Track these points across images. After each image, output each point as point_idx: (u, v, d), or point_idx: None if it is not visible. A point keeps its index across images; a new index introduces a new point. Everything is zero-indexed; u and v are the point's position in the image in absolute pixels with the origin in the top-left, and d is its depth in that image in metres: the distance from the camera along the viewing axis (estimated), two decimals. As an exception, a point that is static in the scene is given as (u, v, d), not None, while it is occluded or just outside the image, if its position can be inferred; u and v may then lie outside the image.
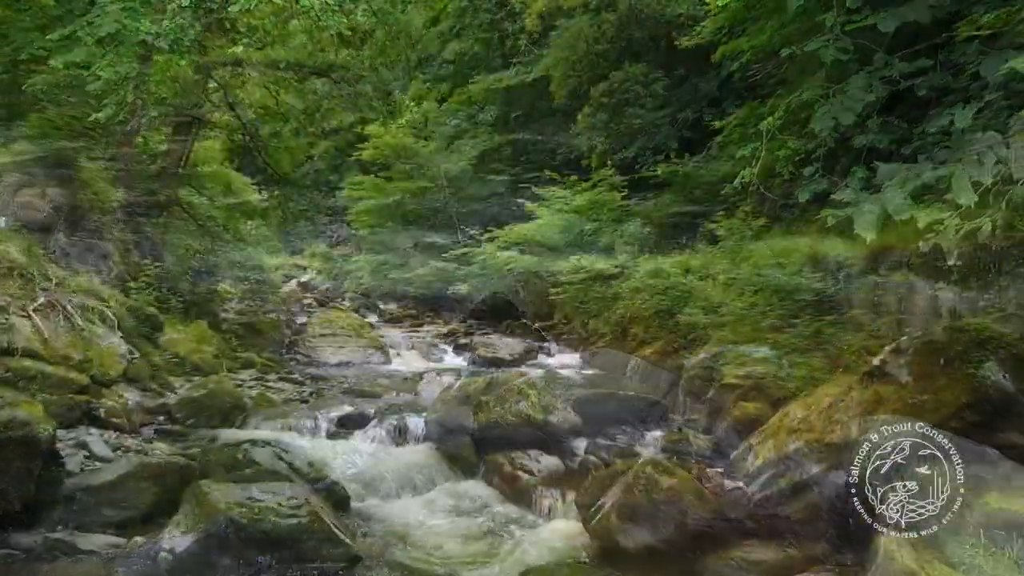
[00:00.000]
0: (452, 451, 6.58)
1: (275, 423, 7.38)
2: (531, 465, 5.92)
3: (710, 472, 4.55)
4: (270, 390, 8.68)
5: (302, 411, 7.77)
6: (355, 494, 5.64)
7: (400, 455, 6.68)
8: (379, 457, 6.62)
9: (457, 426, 6.53)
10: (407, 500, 5.80)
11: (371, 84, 13.48)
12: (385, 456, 6.65)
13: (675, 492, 4.30)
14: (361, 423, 7.43)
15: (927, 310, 5.82)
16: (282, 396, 8.51)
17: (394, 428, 7.21)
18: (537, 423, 6.36)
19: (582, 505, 4.93)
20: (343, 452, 6.64)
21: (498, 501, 5.72)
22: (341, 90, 13.53)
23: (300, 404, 8.23)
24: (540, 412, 6.44)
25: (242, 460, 5.21)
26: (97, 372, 6.76)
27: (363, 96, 13.47)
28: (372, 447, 6.92)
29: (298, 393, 8.70)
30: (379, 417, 7.47)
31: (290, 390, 8.81)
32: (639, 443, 7.07)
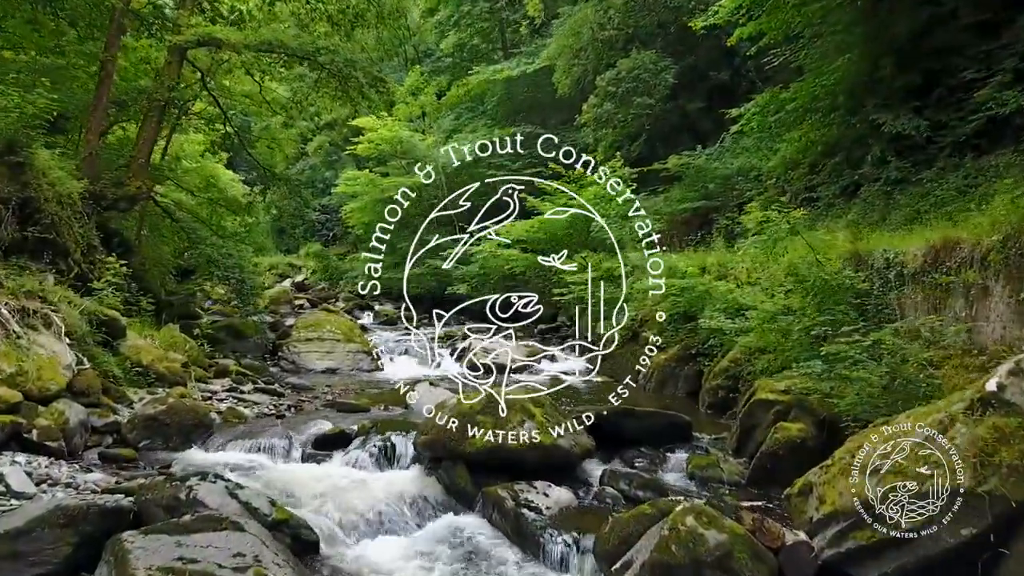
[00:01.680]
0: (444, 479, 5.64)
1: (243, 444, 6.45)
2: (538, 500, 4.97)
3: (767, 524, 3.60)
4: (243, 403, 7.75)
5: (275, 429, 6.83)
6: (326, 536, 4.71)
7: (384, 484, 5.73)
8: (359, 486, 5.68)
9: (450, 450, 5.59)
10: (388, 542, 4.86)
11: (362, 70, 12.54)
12: (366, 485, 5.70)
13: (725, 551, 3.37)
14: (341, 444, 6.50)
15: (1011, 317, 4.88)
16: (256, 410, 7.58)
17: (379, 450, 6.28)
18: (544, 448, 5.42)
19: (603, 557, 3.99)
20: (317, 480, 5.71)
21: (498, 544, 4.78)
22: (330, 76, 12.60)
23: (275, 420, 7.30)
24: (548, 435, 5.50)
25: (186, 500, 4.27)
26: (33, 387, 5.82)
27: (353, 82, 12.52)
28: (352, 473, 5.98)
29: (274, 406, 7.77)
30: (362, 436, 6.53)
31: (266, 403, 7.88)
32: (662, 468, 6.14)
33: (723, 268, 10.66)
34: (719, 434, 6.95)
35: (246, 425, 7.02)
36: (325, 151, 29.84)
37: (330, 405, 8.00)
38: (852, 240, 7.14)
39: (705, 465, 5.98)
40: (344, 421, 7.21)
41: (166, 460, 5.89)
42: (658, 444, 6.54)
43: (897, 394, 5.03)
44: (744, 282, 9.21)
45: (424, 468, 5.94)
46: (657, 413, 6.65)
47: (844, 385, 5.37)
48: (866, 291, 6.68)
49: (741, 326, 7.68)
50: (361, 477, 5.92)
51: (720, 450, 6.50)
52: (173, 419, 6.36)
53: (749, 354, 8.10)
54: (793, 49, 13.17)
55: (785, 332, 7.13)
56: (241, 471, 5.89)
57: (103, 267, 9.25)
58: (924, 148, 10.11)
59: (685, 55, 17.57)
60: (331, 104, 13.62)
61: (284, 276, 29.84)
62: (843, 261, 6.84)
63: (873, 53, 11.22)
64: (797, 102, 11.32)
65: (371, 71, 12.72)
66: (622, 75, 15.94)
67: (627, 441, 6.50)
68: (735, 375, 8.15)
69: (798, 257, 6.72)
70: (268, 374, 9.74)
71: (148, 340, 8.55)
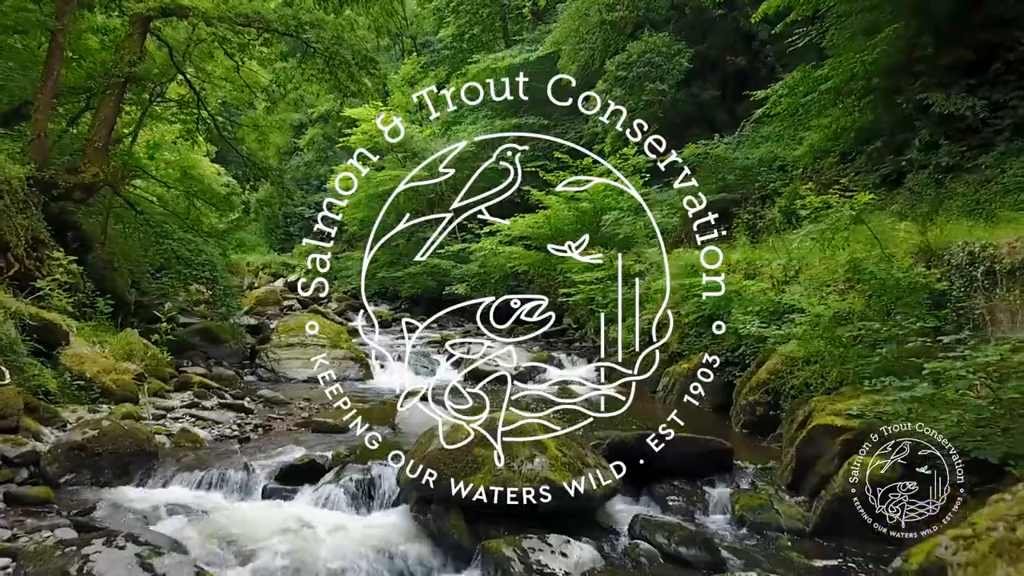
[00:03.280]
0: (434, 528, 4.51)
1: (192, 476, 5.32)
2: (553, 563, 3.85)
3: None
4: (201, 422, 6.62)
5: (235, 457, 5.71)
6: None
7: (359, 531, 4.61)
8: (329, 535, 4.56)
9: (443, 490, 4.47)
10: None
11: (350, 48, 11.41)
12: (338, 533, 4.58)
13: None
14: (311, 476, 5.37)
15: None
16: (216, 432, 6.45)
17: (356, 485, 5.16)
18: (560, 490, 4.29)
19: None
20: (277, 527, 4.58)
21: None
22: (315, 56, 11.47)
23: (237, 444, 6.16)
24: (564, 473, 4.36)
25: (78, 574, 3.14)
26: (-75, 409, 4.70)
27: (341, 63, 11.39)
28: (322, 516, 4.86)
29: (238, 426, 6.64)
30: (338, 467, 5.42)
31: (229, 421, 6.75)
32: (703, 510, 5.01)
33: (751, 266, 9.53)
34: (764, 463, 5.82)
35: (200, 451, 5.89)
36: (319, 145, 28.69)
37: (305, 424, 6.87)
38: (921, 231, 6.00)
39: (756, 507, 4.86)
40: (319, 445, 6.08)
41: (90, 501, 4.76)
42: (694, 476, 5.42)
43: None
44: (780, 281, 8.07)
45: (411, 510, 4.82)
46: (693, 439, 5.50)
47: (933, 410, 4.25)
48: (943, 292, 5.57)
49: (786, 333, 6.53)
50: (333, 521, 4.80)
51: (769, 483, 5.37)
52: (106, 447, 5.23)
53: (791, 365, 6.98)
54: (819, 29, 12.09)
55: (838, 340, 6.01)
56: (183, 514, 4.79)
57: (52, 264, 8.13)
58: (978, 131, 9.02)
59: (699, 39, 16.45)
60: (318, 88, 12.49)
61: (277, 275, 28.77)
62: (910, 256, 5.73)
63: (913, 29, 10.12)
64: (833, 81, 10.18)
65: (361, 50, 11.58)
66: (633, 59, 14.81)
67: (656, 472, 5.37)
68: (776, 389, 7.02)
69: (861, 251, 5.60)
70: (239, 385, 8.61)
71: (98, 348, 7.42)
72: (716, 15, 15.68)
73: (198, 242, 9.62)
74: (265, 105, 13.37)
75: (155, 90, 11.51)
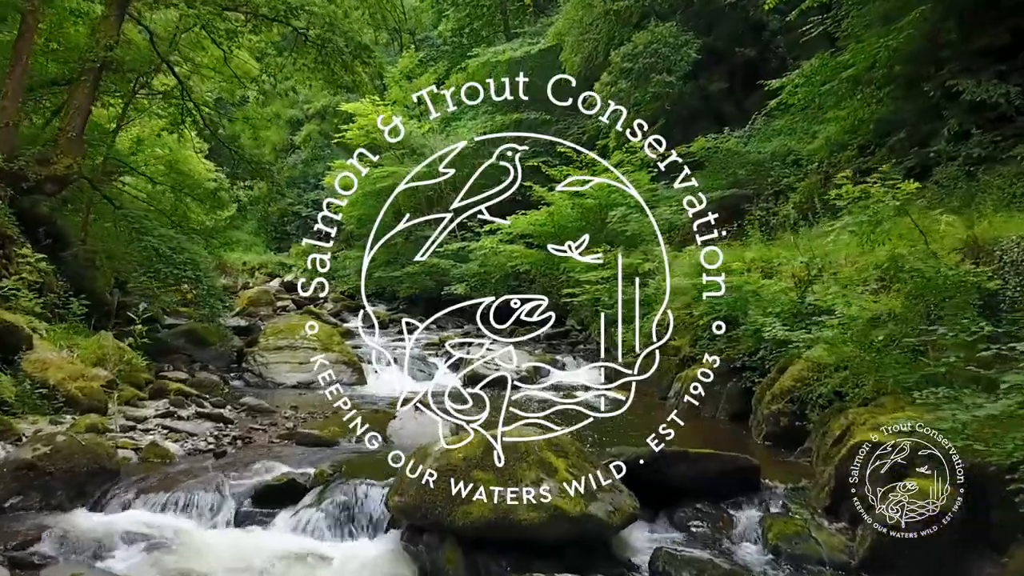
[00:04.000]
0: (426, 560, 3.94)
1: (157, 498, 4.74)
2: (565, 610, 3.28)
3: None
4: (175, 434, 6.05)
5: (207, 475, 5.11)
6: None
7: (340, 564, 4.05)
8: (307, 568, 3.99)
9: (436, 518, 3.90)
10: None
11: (344, 35, 10.85)
12: (317, 566, 4.01)
13: None
14: (290, 498, 4.79)
15: None
16: (189, 445, 5.87)
17: (340, 509, 4.58)
18: (572, 520, 3.71)
19: None
20: (247, 559, 4.02)
21: None
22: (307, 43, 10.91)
23: (212, 459, 5.58)
24: (577, 501, 3.79)
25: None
26: None
27: (333, 50, 10.83)
28: (300, 544, 4.30)
29: (215, 439, 6.06)
30: (321, 487, 4.84)
31: (205, 433, 6.17)
32: (731, 537, 4.43)
33: (768, 264, 8.96)
34: (795, 481, 5.21)
35: (170, 468, 5.31)
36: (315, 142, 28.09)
37: (289, 436, 6.30)
38: (967, 224, 5.43)
39: (792, 535, 4.28)
40: (302, 460, 5.49)
41: (37, 528, 4.20)
42: (718, 497, 4.85)
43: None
44: (803, 280, 7.50)
45: (402, 538, 4.24)
46: (716, 456, 4.93)
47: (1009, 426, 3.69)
48: (995, 292, 5.00)
49: (815, 336, 5.95)
50: (312, 550, 4.24)
51: (802, 506, 4.80)
52: (59, 465, 4.65)
53: (818, 371, 6.41)
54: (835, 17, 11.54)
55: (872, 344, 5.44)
56: (142, 543, 4.24)
57: (19, 262, 7.57)
58: (1012, 120, 8.45)
59: (707, 30, 15.87)
60: (310, 79, 11.92)
61: (274, 275, 28.24)
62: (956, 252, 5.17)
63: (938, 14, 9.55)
64: (854, 68, 9.60)
65: (354, 38, 11.01)
66: (639, 50, 14.22)
67: (676, 492, 4.81)
68: (802, 398, 6.44)
69: (903, 246, 5.02)
70: (222, 392, 8.03)
71: (66, 352, 6.84)
72: (724, 4, 15.10)
73: (180, 239, 9.05)
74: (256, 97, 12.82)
75: (139, 80, 10.94)
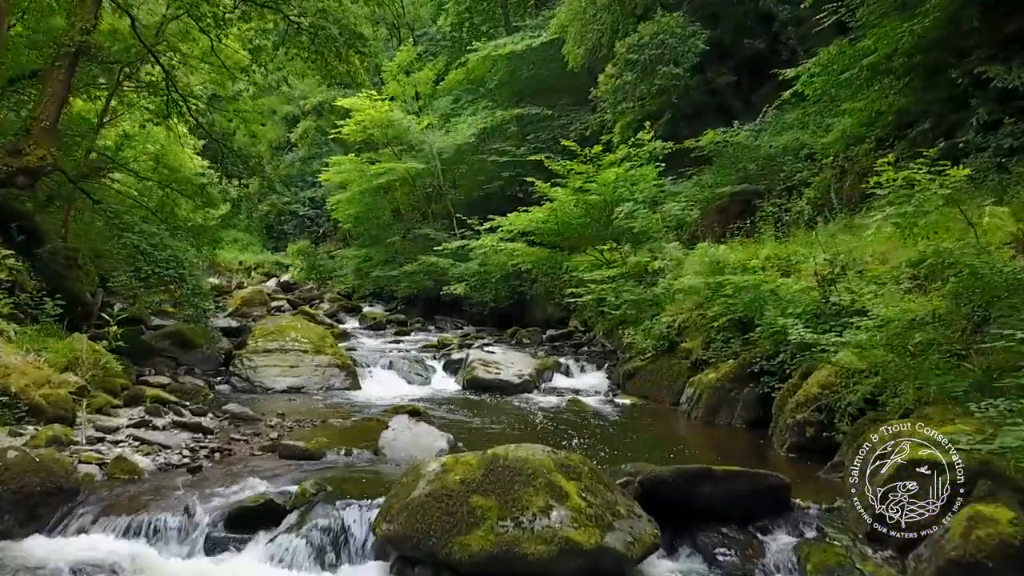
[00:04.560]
0: (419, 599, 3.44)
1: (120, 521, 4.24)
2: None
3: None
4: (146, 447, 5.54)
5: (177, 494, 4.62)
6: None
7: (322, 601, 3.54)
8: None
9: (429, 549, 3.40)
10: None
11: (337, 23, 10.35)
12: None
13: None
14: (268, 520, 4.28)
15: None
16: (161, 458, 5.36)
17: (322, 535, 4.07)
18: (586, 554, 3.21)
19: None
20: (214, 596, 3.51)
21: None
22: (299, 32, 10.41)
23: (185, 475, 5.08)
24: (590, 530, 3.28)
25: None
26: None
27: (328, 38, 10.33)
28: None
29: (190, 451, 5.55)
30: (301, 509, 4.33)
31: (180, 445, 5.67)
32: (763, 569, 3.92)
33: (784, 262, 8.47)
34: (829, 501, 4.70)
35: (137, 486, 4.81)
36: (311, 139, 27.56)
37: (271, 448, 5.78)
38: (1019, 217, 4.93)
39: (834, 566, 3.78)
40: (284, 477, 4.99)
41: (-25, 559, 3.68)
42: (745, 519, 4.35)
43: None
44: (826, 279, 6.99)
45: (391, 570, 3.74)
46: (744, 474, 4.41)
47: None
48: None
49: (847, 340, 5.45)
50: (290, 585, 3.73)
51: (840, 530, 4.29)
52: (8, 485, 4.16)
53: (847, 377, 5.91)
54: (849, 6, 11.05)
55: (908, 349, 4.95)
56: (96, 575, 3.72)
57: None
58: (1041, 107, 7.97)
59: (713, 22, 15.36)
60: (303, 68, 11.42)
61: (270, 275, 27.76)
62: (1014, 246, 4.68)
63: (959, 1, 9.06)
64: (876, 55, 9.10)
65: (348, 26, 10.51)
66: (644, 41, 13.72)
67: (700, 515, 4.30)
68: (830, 406, 5.93)
69: (949, 240, 4.53)
70: (205, 398, 7.52)
71: (32, 356, 6.34)
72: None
73: (163, 236, 8.54)
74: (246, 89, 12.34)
75: (123, 71, 10.44)
